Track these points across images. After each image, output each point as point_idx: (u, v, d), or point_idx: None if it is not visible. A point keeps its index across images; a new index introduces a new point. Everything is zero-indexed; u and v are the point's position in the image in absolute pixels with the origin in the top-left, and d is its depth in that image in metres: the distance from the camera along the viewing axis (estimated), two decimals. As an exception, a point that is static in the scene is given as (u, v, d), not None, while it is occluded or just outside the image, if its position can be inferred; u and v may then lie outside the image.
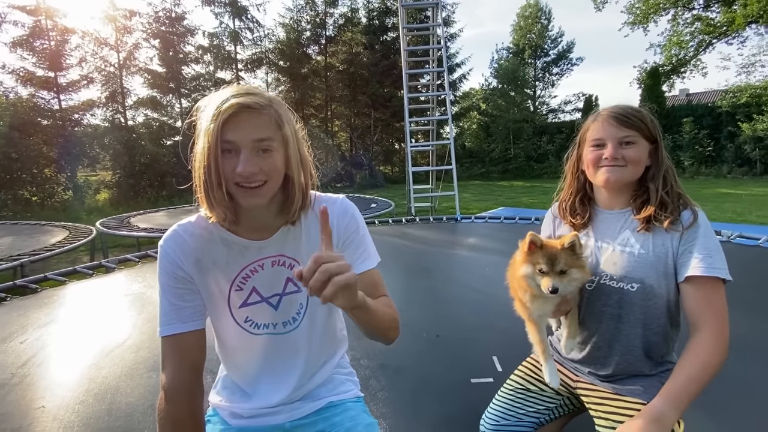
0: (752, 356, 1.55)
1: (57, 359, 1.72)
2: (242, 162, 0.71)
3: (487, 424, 1.12)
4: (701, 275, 0.89)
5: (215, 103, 0.71)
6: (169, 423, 0.75)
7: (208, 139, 0.70)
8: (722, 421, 1.21)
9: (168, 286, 0.79)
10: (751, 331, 1.78)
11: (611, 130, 0.97)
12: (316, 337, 0.92)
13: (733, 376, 1.42)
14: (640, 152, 0.96)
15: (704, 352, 0.88)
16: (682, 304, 0.94)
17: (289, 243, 0.85)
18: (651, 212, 0.96)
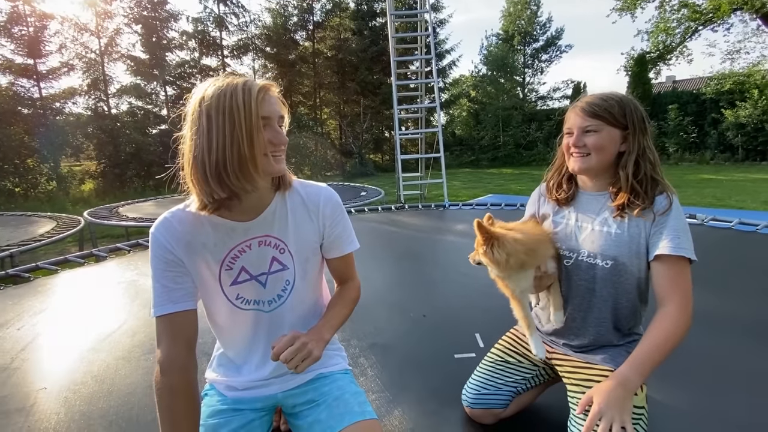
0: (714, 330, 1.66)
1: (55, 344, 1.76)
2: (278, 133, 0.81)
3: (468, 394, 1.20)
4: (669, 254, 0.97)
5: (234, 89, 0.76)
6: (166, 393, 0.80)
7: (246, 119, 0.75)
8: (685, 388, 1.31)
9: (160, 270, 0.84)
10: (715, 306, 1.90)
11: (576, 120, 1.04)
12: (303, 312, 0.98)
13: (695, 347, 1.53)
14: (602, 140, 1.01)
15: (669, 324, 0.97)
16: (652, 280, 1.02)
17: (275, 224, 0.90)
18: (624, 200, 1.02)
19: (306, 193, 0.94)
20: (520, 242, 0.99)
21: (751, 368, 1.42)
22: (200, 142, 0.77)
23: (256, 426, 0.94)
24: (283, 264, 0.92)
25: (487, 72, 19.40)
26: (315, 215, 0.94)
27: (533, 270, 1.07)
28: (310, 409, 0.96)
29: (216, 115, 0.76)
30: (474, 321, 1.73)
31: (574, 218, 1.12)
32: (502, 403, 1.16)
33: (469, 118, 19.94)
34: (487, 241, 1.00)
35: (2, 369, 1.54)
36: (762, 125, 12.17)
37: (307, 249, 0.94)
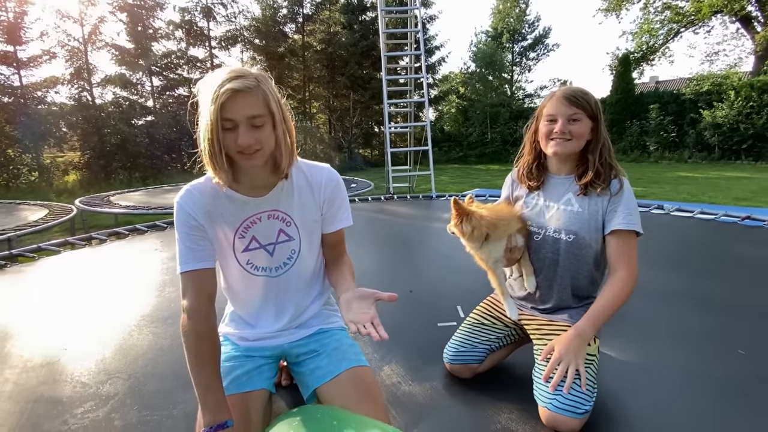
0: (666, 300, 1.88)
1: (71, 312, 1.92)
2: (240, 136, 0.87)
3: (448, 352, 1.36)
4: (622, 228, 1.15)
5: (212, 86, 0.86)
6: (193, 336, 0.92)
7: (210, 118, 0.85)
8: (635, 345, 1.50)
9: (184, 233, 0.97)
10: (671, 281, 2.14)
11: (562, 108, 1.18)
12: (306, 278, 1.12)
13: (648, 313, 1.73)
14: (583, 128, 1.18)
15: (618, 286, 1.14)
16: (606, 251, 1.20)
17: (282, 200, 1.03)
18: (589, 179, 1.19)
19: (310, 173, 1.06)
20: (484, 218, 1.18)
21: (693, 328, 1.64)
22: (198, 128, 0.91)
23: (265, 370, 1.08)
24: (289, 235, 1.05)
25: (476, 69, 19.58)
26: (317, 192, 1.05)
27: (502, 243, 1.24)
28: (311, 358, 1.10)
29: (199, 111, 0.90)
30: (456, 295, 1.89)
31: (543, 200, 1.28)
32: (478, 359, 1.32)
33: (458, 114, 20.12)
34: (459, 215, 1.18)
35: (27, 332, 1.71)
36: (738, 125, 12.64)
37: (310, 222, 1.07)
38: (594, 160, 1.19)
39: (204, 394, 0.90)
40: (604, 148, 1.20)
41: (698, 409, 1.17)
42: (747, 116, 12.46)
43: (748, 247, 2.75)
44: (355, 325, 0.85)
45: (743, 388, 1.26)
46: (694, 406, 1.18)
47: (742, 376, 1.32)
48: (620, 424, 1.11)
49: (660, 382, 1.30)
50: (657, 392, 1.25)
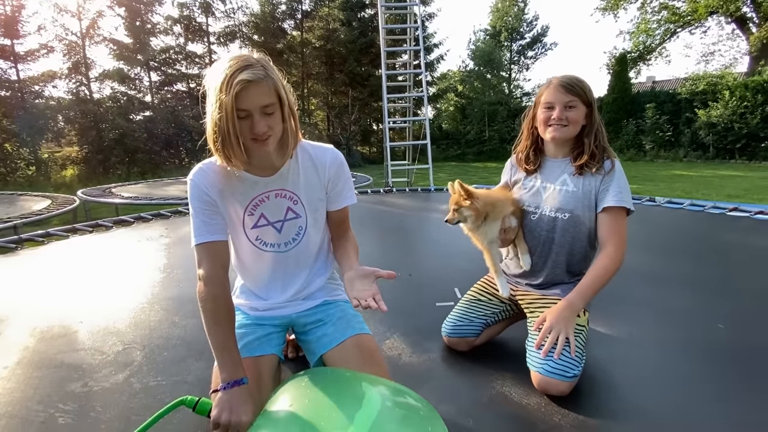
0: (655, 282, 1.97)
1: (84, 290, 2.02)
2: (256, 125, 0.91)
3: (446, 326, 1.43)
4: (613, 205, 1.22)
5: (223, 77, 0.88)
6: (210, 301, 0.98)
7: (225, 108, 0.88)
8: (621, 323, 1.58)
9: (198, 208, 1.03)
10: (653, 264, 2.26)
11: (559, 96, 1.25)
12: (313, 253, 1.19)
13: (638, 294, 1.82)
14: (579, 114, 1.25)
15: (607, 261, 1.22)
16: (598, 228, 1.27)
17: (289, 180, 1.09)
18: (584, 161, 1.27)
19: (315, 154, 1.12)
20: (482, 198, 1.29)
21: (677, 306, 1.74)
22: (207, 115, 0.95)
23: (274, 337, 1.15)
24: (297, 213, 1.11)
25: (475, 67, 19.65)
26: (322, 172, 1.11)
27: (497, 224, 1.32)
28: (317, 327, 1.17)
29: (209, 100, 0.92)
30: (453, 278, 1.96)
31: (540, 181, 1.36)
32: (475, 332, 1.39)
33: (456, 112, 20.19)
34: (468, 196, 1.27)
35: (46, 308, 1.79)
36: (732, 125, 12.77)
37: (316, 201, 1.13)
38: (589, 143, 1.27)
39: (221, 354, 0.97)
40: (598, 131, 1.28)
41: (679, 376, 1.25)
42: (741, 116, 12.59)
43: (732, 235, 2.89)
44: (357, 300, 0.91)
45: (722, 357, 1.35)
46: (676, 374, 1.26)
47: (721, 347, 1.41)
48: (608, 390, 1.19)
49: (645, 353, 1.39)
50: (642, 362, 1.34)
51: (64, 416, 1.07)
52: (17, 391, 1.20)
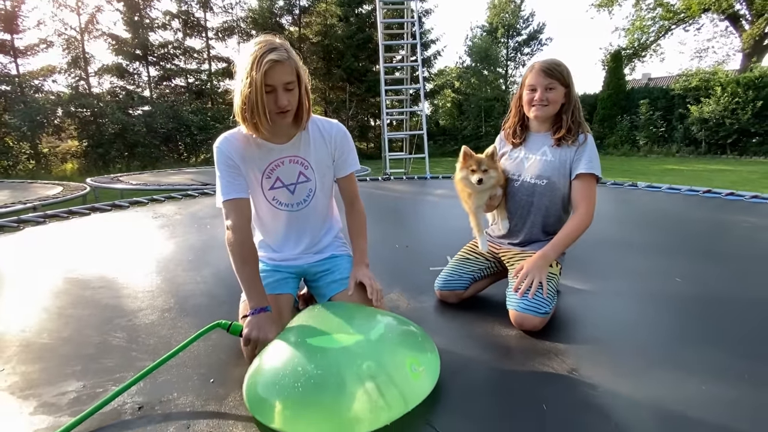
0: (633, 251, 2.17)
1: (113, 254, 2.25)
2: (279, 98, 1.09)
3: (439, 281, 1.62)
4: (584, 172, 1.41)
5: (253, 57, 1.05)
6: (237, 245, 1.16)
7: (255, 83, 1.05)
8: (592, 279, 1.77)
9: (223, 170, 1.20)
10: (623, 234, 2.48)
11: (540, 79, 1.44)
12: (320, 213, 1.36)
13: (614, 261, 2.01)
14: (558, 95, 1.44)
15: (578, 220, 1.41)
16: (572, 192, 1.46)
17: (301, 148, 1.27)
18: (562, 134, 1.46)
19: (323, 126, 1.29)
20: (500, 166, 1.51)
21: (641, 267, 1.95)
22: (235, 91, 1.13)
23: (290, 281, 1.33)
24: (307, 177, 1.29)
25: (471, 63, 19.81)
26: (329, 142, 1.28)
27: (493, 191, 1.51)
28: (326, 275, 1.35)
29: (240, 76, 1.09)
30: (444, 247, 2.16)
31: (524, 153, 1.55)
32: (463, 286, 1.58)
33: (453, 108, 20.35)
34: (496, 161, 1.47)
35: (83, 265, 1.95)
36: (723, 121, 13.01)
37: (323, 167, 1.31)
38: (567, 119, 1.46)
39: (248, 287, 1.15)
40: (575, 109, 1.47)
41: (639, 318, 1.45)
42: (733, 112, 12.82)
43: (700, 212, 3.18)
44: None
45: (678, 304, 1.56)
46: (637, 316, 1.46)
47: (678, 296, 1.63)
48: (575, 328, 1.38)
49: (610, 301, 1.60)
50: (607, 307, 1.54)
51: (116, 339, 1.27)
52: (73, 323, 1.41)
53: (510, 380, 1.08)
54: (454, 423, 0.90)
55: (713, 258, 2.10)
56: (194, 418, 0.91)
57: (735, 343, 1.26)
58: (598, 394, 1.00)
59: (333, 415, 0.83)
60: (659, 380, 1.06)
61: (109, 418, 0.92)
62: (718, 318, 1.44)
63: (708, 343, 1.26)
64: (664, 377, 1.08)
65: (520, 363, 1.15)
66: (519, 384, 1.06)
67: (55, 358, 1.18)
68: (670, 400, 0.98)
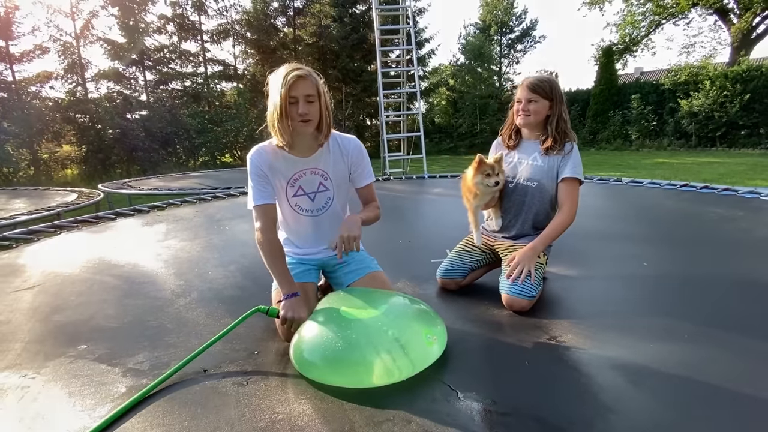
0: (615, 241, 2.42)
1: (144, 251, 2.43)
2: (300, 107, 1.30)
3: (439, 271, 1.84)
4: (569, 176, 1.64)
5: (281, 75, 1.29)
6: (266, 242, 1.38)
7: (281, 94, 1.27)
8: (573, 266, 2.00)
9: (255, 180, 1.42)
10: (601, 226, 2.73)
11: (524, 93, 1.67)
12: (337, 218, 1.54)
13: (600, 250, 2.25)
14: (539, 107, 1.66)
15: (562, 218, 1.64)
16: (558, 194, 1.69)
17: (321, 161, 1.47)
18: (549, 144, 1.68)
19: (342, 143, 1.49)
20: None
21: (615, 254, 2.21)
22: (269, 107, 1.35)
23: (312, 272, 1.56)
24: (326, 187, 1.50)
25: (465, 61, 20.01)
26: (346, 157, 1.48)
27: (494, 192, 1.73)
28: (343, 266, 1.58)
29: (272, 93, 1.32)
30: (444, 242, 2.39)
31: (517, 157, 1.78)
32: (461, 274, 1.81)
33: (448, 106, 20.55)
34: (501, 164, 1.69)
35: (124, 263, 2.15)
36: (713, 114, 13.30)
37: (340, 179, 1.51)
38: (552, 130, 1.67)
39: (280, 277, 1.37)
40: (560, 119, 1.68)
41: (613, 296, 1.70)
42: (721, 105, 13.10)
43: (674, 204, 3.48)
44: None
45: (643, 282, 1.83)
46: (611, 295, 1.71)
47: (645, 277, 1.90)
48: (558, 308, 1.61)
49: (588, 284, 1.85)
50: (585, 290, 1.79)
51: (170, 323, 1.50)
52: (131, 310, 1.65)
53: (501, 347, 1.31)
54: (460, 379, 1.13)
55: (678, 245, 2.38)
56: (249, 378, 1.14)
57: (694, 314, 1.50)
58: (571, 354, 1.24)
59: (365, 369, 1.06)
60: (624, 343, 1.30)
61: (184, 377, 1.15)
62: (680, 294, 1.70)
63: (668, 314, 1.50)
64: (628, 340, 1.32)
65: (510, 335, 1.38)
66: (508, 349, 1.29)
67: (125, 337, 1.42)
68: (633, 357, 1.22)
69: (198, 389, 1.09)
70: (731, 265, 2.01)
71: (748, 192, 3.46)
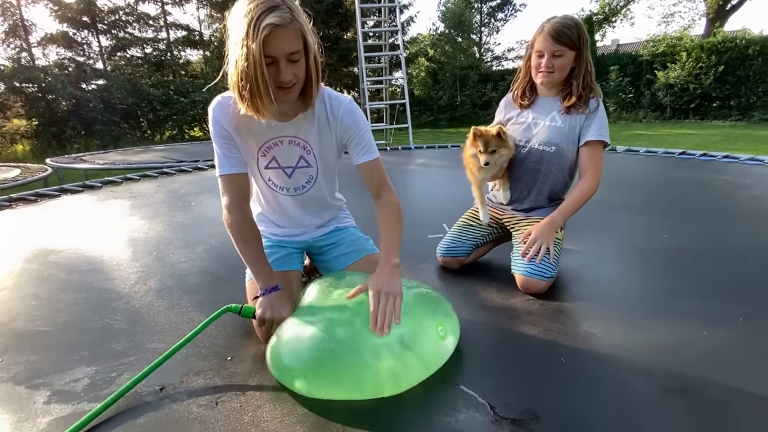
0: (609, 209, 2.28)
1: (100, 237, 2.08)
2: (282, 73, 0.90)
3: (441, 248, 1.62)
4: (594, 139, 1.39)
5: (248, 18, 0.85)
6: (235, 224, 1.08)
7: (252, 56, 0.85)
8: (587, 239, 1.83)
9: (218, 142, 1.09)
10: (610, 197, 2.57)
11: (548, 45, 1.36)
12: (323, 198, 1.27)
13: (594, 219, 2.09)
14: (566, 61, 1.38)
15: (585, 187, 1.41)
16: (579, 159, 1.44)
17: (303, 128, 1.10)
18: (572, 102, 1.41)
19: (330, 104, 1.09)
20: (509, 136, 1.47)
21: (631, 225, 2.07)
22: (227, 65, 0.92)
23: (295, 256, 1.29)
24: (308, 162, 1.16)
25: (445, 30, 19.36)
26: (334, 125, 1.10)
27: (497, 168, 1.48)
28: (333, 248, 1.32)
29: (233, 41, 0.89)
30: (440, 216, 2.18)
31: (532, 117, 1.51)
32: (465, 252, 1.59)
33: (428, 77, 19.98)
34: (504, 137, 1.42)
35: (77, 243, 1.84)
36: (687, 86, 13.44)
37: (327, 154, 1.15)
38: (578, 85, 1.39)
39: (254, 267, 1.10)
40: (587, 73, 1.40)
41: (632, 273, 1.53)
42: (696, 77, 13.24)
43: (678, 172, 3.39)
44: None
45: (665, 256, 1.67)
46: (630, 271, 1.54)
47: (664, 250, 1.75)
48: (577, 288, 1.43)
49: (606, 259, 1.67)
50: (604, 265, 1.62)
51: (118, 322, 1.21)
52: (67, 308, 1.33)
53: (525, 340, 1.11)
54: (479, 382, 0.92)
55: (692, 215, 2.23)
56: (221, 395, 0.88)
57: (728, 291, 1.34)
58: (615, 347, 1.05)
59: (365, 376, 0.84)
60: (672, 331, 1.12)
61: (134, 401, 0.88)
62: (715, 269, 1.54)
63: (703, 292, 1.34)
64: (675, 327, 1.14)
65: (531, 323, 1.18)
66: (534, 342, 1.09)
67: (56, 344, 1.12)
68: (690, 348, 1.04)
69: (153, 416, 0.83)
70: (756, 235, 1.88)
71: (749, 159, 3.41)
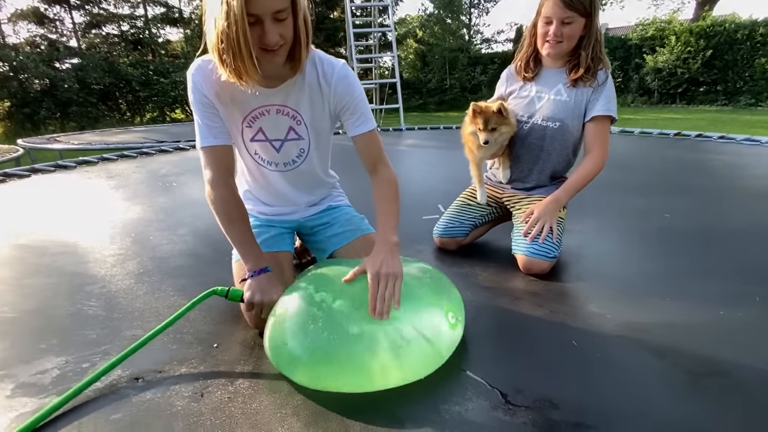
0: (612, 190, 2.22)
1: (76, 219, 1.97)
2: (267, 33, 0.81)
3: (438, 228, 1.55)
4: (600, 114, 1.31)
5: None
6: (219, 201, 0.99)
7: (233, 15, 0.76)
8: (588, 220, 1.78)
9: (199, 111, 0.98)
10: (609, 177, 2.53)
11: (557, 11, 1.24)
12: (316, 173, 1.17)
13: (595, 200, 2.05)
14: (576, 29, 1.27)
15: (591, 164, 1.33)
16: (584, 136, 1.36)
17: (292, 96, 0.99)
18: (580, 75, 1.31)
19: (323, 69, 0.98)
20: (511, 112, 1.38)
21: (633, 205, 2.02)
22: (206, 25, 0.83)
23: (285, 236, 1.20)
24: (299, 134, 1.06)
25: (434, 11, 18.96)
26: (327, 93, 1.00)
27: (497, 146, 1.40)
28: (326, 228, 1.23)
29: (210, 4, 0.81)
30: (435, 197, 2.11)
31: (535, 91, 1.41)
32: (463, 233, 1.53)
33: (417, 60, 19.64)
34: (505, 114, 1.32)
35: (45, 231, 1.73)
36: (675, 70, 13.50)
37: (320, 124, 1.05)
38: (587, 55, 1.29)
39: (242, 247, 1.01)
40: (596, 43, 1.30)
41: (634, 251, 1.50)
42: (684, 61, 13.29)
43: (676, 153, 3.38)
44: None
45: (668, 236, 1.64)
46: (632, 250, 1.51)
47: (667, 229, 1.72)
48: (580, 267, 1.38)
49: (608, 238, 1.64)
50: (606, 244, 1.58)
51: (92, 308, 1.11)
52: (36, 293, 1.23)
53: (531, 321, 1.06)
54: (487, 368, 0.86)
55: (692, 194, 2.21)
56: (207, 386, 0.81)
57: (738, 270, 1.31)
58: (623, 328, 1.00)
59: (376, 366, 0.77)
60: (687, 311, 1.08)
61: (106, 390, 0.80)
62: (723, 248, 1.51)
63: (712, 271, 1.31)
64: (691, 308, 1.09)
65: (536, 304, 1.13)
66: (541, 324, 1.04)
67: (23, 332, 1.02)
68: (695, 326, 1.00)
69: (129, 410, 0.75)
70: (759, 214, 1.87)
71: (745, 139, 3.42)
